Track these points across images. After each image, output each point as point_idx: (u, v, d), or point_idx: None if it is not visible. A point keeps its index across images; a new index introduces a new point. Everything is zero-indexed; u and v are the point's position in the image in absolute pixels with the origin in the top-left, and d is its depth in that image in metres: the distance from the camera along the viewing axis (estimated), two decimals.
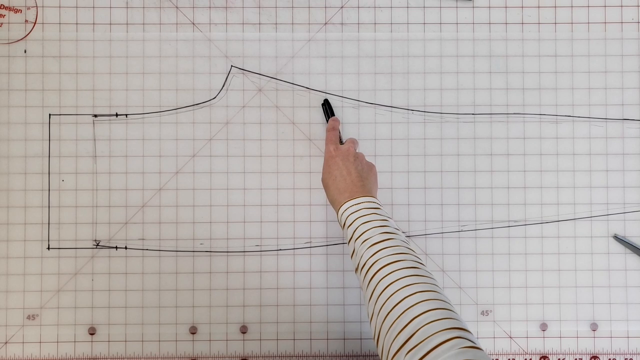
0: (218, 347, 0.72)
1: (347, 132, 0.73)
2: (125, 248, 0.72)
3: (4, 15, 0.73)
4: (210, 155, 0.73)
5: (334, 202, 0.63)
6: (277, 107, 0.73)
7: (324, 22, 0.74)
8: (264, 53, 0.73)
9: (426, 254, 0.73)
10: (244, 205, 0.73)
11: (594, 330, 0.73)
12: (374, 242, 0.55)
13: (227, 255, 0.73)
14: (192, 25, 0.73)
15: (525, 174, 0.73)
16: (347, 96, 0.73)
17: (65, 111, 0.73)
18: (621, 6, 0.74)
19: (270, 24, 0.73)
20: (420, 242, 0.73)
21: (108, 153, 0.73)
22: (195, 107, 0.73)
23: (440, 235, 0.73)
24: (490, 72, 0.74)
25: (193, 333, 0.72)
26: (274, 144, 0.73)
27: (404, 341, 0.45)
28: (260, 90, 0.74)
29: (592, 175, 0.73)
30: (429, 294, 0.48)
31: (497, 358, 0.73)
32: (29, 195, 0.72)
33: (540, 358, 0.73)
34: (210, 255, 0.73)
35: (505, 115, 0.73)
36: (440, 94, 0.73)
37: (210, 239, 0.73)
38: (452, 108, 0.73)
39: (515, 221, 0.73)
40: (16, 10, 0.73)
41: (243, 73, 0.73)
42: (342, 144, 0.70)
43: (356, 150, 0.67)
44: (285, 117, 0.73)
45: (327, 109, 0.73)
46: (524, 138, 0.73)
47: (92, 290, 0.72)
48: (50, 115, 0.72)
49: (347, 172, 0.64)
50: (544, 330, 0.73)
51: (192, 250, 0.73)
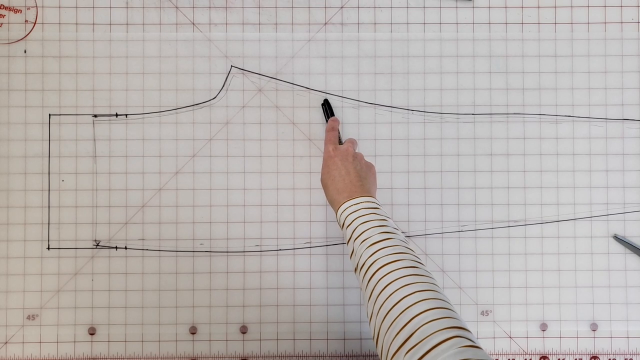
0: (218, 347, 0.72)
1: (347, 132, 0.73)
2: (125, 248, 0.72)
3: (4, 15, 0.73)
4: (210, 156, 0.73)
5: (333, 202, 0.63)
6: (277, 107, 0.73)
7: (324, 22, 0.74)
8: (264, 53, 0.73)
9: (426, 254, 0.73)
10: (244, 205, 0.73)
11: (594, 331, 0.73)
12: (373, 242, 0.55)
13: (227, 256, 0.73)
14: (192, 25, 0.73)
15: (525, 174, 0.73)
16: (347, 96, 0.73)
17: (65, 111, 0.73)
18: (621, 6, 0.74)
19: (270, 24, 0.73)
20: (420, 242, 0.73)
21: (108, 153, 0.73)
22: (195, 107, 0.73)
23: (440, 235, 0.73)
24: (490, 72, 0.74)
25: (193, 333, 0.72)
26: (274, 144, 0.73)
27: (403, 340, 0.45)
28: (260, 90, 0.74)
29: (592, 175, 0.73)
30: (428, 294, 0.48)
31: (497, 358, 0.73)
32: (29, 195, 0.72)
33: (540, 358, 0.73)
34: (210, 256, 0.73)
35: (505, 115, 0.73)
36: (440, 94, 0.73)
37: (210, 239, 0.73)
38: (452, 108, 0.73)
39: (515, 221, 0.73)
40: (16, 10, 0.73)
41: (243, 73, 0.73)
42: (342, 144, 0.70)
43: (355, 150, 0.67)
44: (285, 117, 0.73)
45: (327, 109, 0.73)
46: (524, 138, 0.73)
47: (92, 291, 0.72)
48: (50, 115, 0.72)
49: (346, 172, 0.64)
50: (544, 331, 0.73)
51: (192, 250, 0.73)
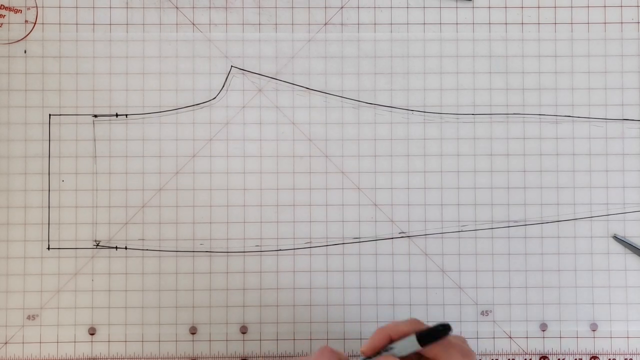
0: (218, 347, 0.72)
1: (347, 132, 0.73)
2: (126, 248, 0.72)
3: (4, 15, 0.73)
4: (210, 156, 0.73)
5: None
6: (277, 107, 0.73)
7: (324, 23, 0.74)
8: (264, 53, 0.73)
9: (426, 254, 0.73)
10: (244, 205, 0.73)
11: (593, 331, 0.73)
12: None
13: (227, 256, 0.73)
14: (192, 25, 0.73)
15: (525, 174, 0.73)
16: (347, 96, 0.73)
17: (65, 111, 0.73)
18: (621, 6, 0.74)
19: (270, 25, 0.74)
20: (420, 242, 0.73)
21: (108, 153, 0.73)
22: (195, 107, 0.73)
23: (440, 235, 0.73)
24: (490, 73, 0.74)
25: (193, 333, 0.72)
26: (274, 144, 0.73)
27: None
28: (260, 90, 0.74)
29: (592, 175, 0.73)
30: None
31: (497, 358, 0.73)
32: (29, 196, 0.72)
33: (540, 358, 0.73)
34: (210, 256, 0.73)
35: (505, 115, 0.73)
36: (440, 94, 0.73)
37: (210, 239, 0.73)
38: (452, 108, 0.73)
39: (515, 221, 0.73)
40: (16, 11, 0.73)
41: (243, 73, 0.74)
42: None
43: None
44: (285, 117, 0.73)
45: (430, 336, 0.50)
46: (524, 138, 0.73)
47: (92, 291, 0.72)
48: (50, 115, 0.72)
49: None
50: (543, 331, 0.73)
51: (192, 250, 0.73)
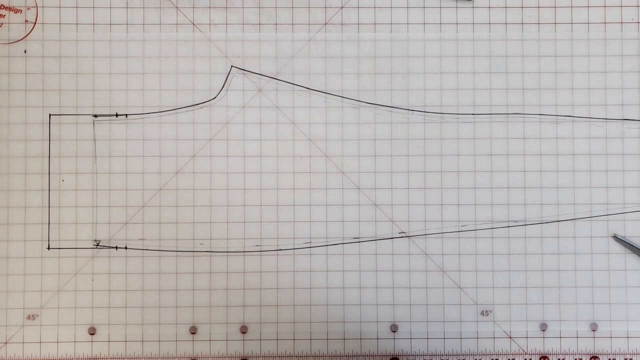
0: (218, 347, 0.72)
1: (348, 132, 0.73)
2: (126, 248, 0.72)
3: (4, 15, 0.73)
4: (210, 156, 0.73)
5: None
6: (277, 107, 0.73)
7: (324, 23, 0.74)
8: (264, 53, 0.73)
9: (426, 254, 0.73)
10: (244, 205, 0.73)
11: (593, 331, 0.73)
12: None
13: (227, 256, 0.73)
14: (192, 25, 0.73)
15: (525, 174, 0.73)
16: (347, 96, 0.73)
17: (65, 111, 0.73)
18: (621, 6, 0.74)
19: (270, 25, 0.74)
20: (420, 242, 0.73)
21: (108, 153, 0.73)
22: (195, 107, 0.73)
23: (440, 235, 0.73)
24: (490, 73, 0.74)
25: (193, 333, 0.72)
26: (274, 144, 0.73)
27: None
28: (260, 90, 0.74)
29: (592, 175, 0.73)
30: None
31: (497, 358, 0.73)
32: (29, 195, 0.72)
33: (540, 358, 0.73)
34: (210, 256, 0.73)
35: (505, 115, 0.73)
36: (440, 94, 0.73)
37: (210, 239, 0.73)
38: (452, 108, 0.73)
39: (515, 221, 0.73)
40: (16, 10, 0.73)
41: (243, 73, 0.74)
42: None
43: None
44: (285, 117, 0.73)
45: None
46: (524, 138, 0.73)
47: (92, 290, 0.72)
48: (50, 115, 0.72)
49: None
50: (543, 330, 0.73)
51: (192, 250, 0.73)
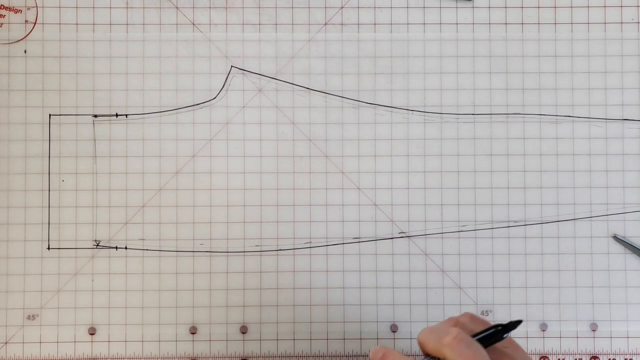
0: (218, 347, 0.72)
1: (348, 132, 0.73)
2: (126, 248, 0.72)
3: (4, 15, 0.73)
4: (210, 156, 0.73)
5: None
6: (277, 107, 0.73)
7: (324, 23, 0.74)
8: (264, 53, 0.73)
9: (426, 254, 0.73)
10: (244, 205, 0.73)
11: (593, 331, 0.73)
12: None
13: (227, 256, 0.73)
14: (192, 25, 0.73)
15: (525, 174, 0.73)
16: (347, 96, 0.73)
17: (65, 111, 0.73)
18: (621, 6, 0.74)
19: (270, 25, 0.74)
20: (420, 242, 0.73)
21: (108, 153, 0.73)
22: (195, 107, 0.73)
23: (440, 235, 0.73)
24: (490, 73, 0.74)
25: (193, 333, 0.72)
26: (274, 144, 0.73)
27: None
28: (260, 90, 0.74)
29: (592, 176, 0.73)
30: None
31: None
32: (29, 195, 0.72)
33: (540, 358, 0.73)
34: (210, 256, 0.73)
35: (505, 115, 0.73)
36: (440, 94, 0.73)
37: (210, 239, 0.73)
38: (452, 108, 0.73)
39: (515, 221, 0.73)
40: (16, 11, 0.73)
41: (243, 73, 0.74)
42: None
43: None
44: (285, 117, 0.73)
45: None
46: (524, 138, 0.73)
47: (92, 290, 0.72)
48: (50, 115, 0.72)
49: None
50: (543, 331, 0.73)
51: (192, 250, 0.73)
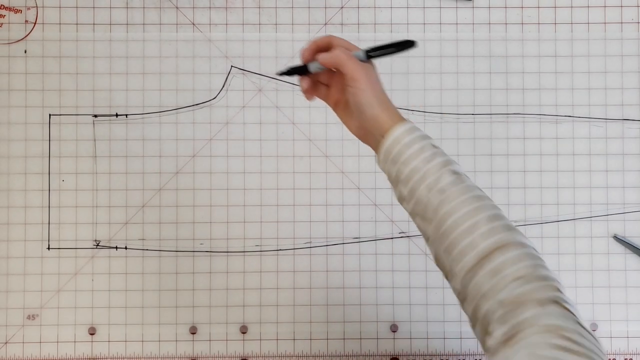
0: (218, 347, 0.72)
1: (348, 133, 0.73)
2: (125, 248, 0.72)
3: (4, 15, 0.73)
4: (210, 156, 0.73)
5: (377, 120, 0.51)
6: (277, 107, 0.73)
7: (324, 23, 0.74)
8: (264, 53, 0.73)
9: (426, 254, 0.73)
10: (244, 205, 0.73)
11: (594, 330, 0.73)
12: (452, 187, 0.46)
13: (227, 255, 0.73)
14: (192, 25, 0.73)
15: (525, 174, 0.73)
16: None
17: (65, 111, 0.73)
18: (621, 6, 0.74)
19: (270, 25, 0.73)
20: (420, 242, 0.73)
21: (108, 153, 0.73)
22: (195, 107, 0.73)
23: None
24: (490, 73, 0.74)
25: (193, 333, 0.72)
26: (274, 144, 0.73)
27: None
28: (260, 90, 0.74)
29: (592, 176, 0.73)
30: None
31: None
32: (29, 195, 0.72)
33: None
34: (210, 255, 0.73)
35: (505, 115, 0.73)
36: (440, 94, 0.73)
37: (210, 239, 0.73)
38: (451, 108, 0.73)
39: (515, 221, 0.73)
40: (16, 11, 0.73)
41: (243, 73, 0.74)
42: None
43: None
44: (285, 117, 0.73)
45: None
46: (524, 138, 0.73)
47: (92, 290, 0.72)
48: (50, 115, 0.72)
49: (382, 88, 0.53)
50: None
51: (192, 250, 0.73)
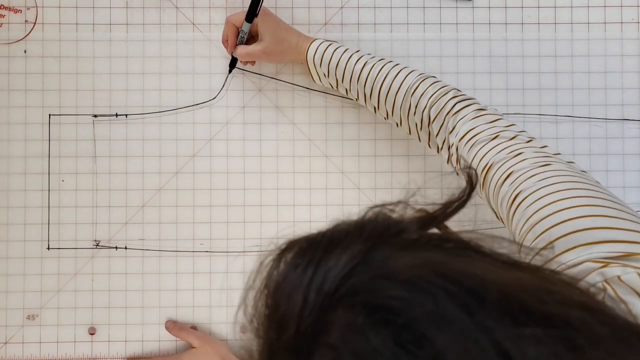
0: None
1: (348, 133, 0.73)
2: (125, 248, 0.72)
3: (4, 15, 0.73)
4: (210, 156, 0.73)
5: (299, 40, 0.68)
6: (277, 107, 0.73)
7: (324, 23, 0.74)
8: None
9: None
10: (244, 205, 0.73)
11: None
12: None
13: (227, 256, 0.73)
14: (192, 25, 0.73)
15: None
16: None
17: (65, 111, 0.73)
18: (621, 6, 0.74)
19: None
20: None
21: (108, 153, 0.73)
22: (195, 107, 0.73)
23: None
24: (490, 73, 0.74)
25: None
26: (274, 144, 0.73)
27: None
28: (260, 90, 0.74)
29: (592, 176, 0.73)
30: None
31: None
32: (29, 196, 0.72)
33: None
34: (210, 256, 0.73)
35: (504, 115, 0.73)
36: None
37: (210, 239, 0.73)
38: None
39: None
40: (16, 11, 0.73)
41: (243, 73, 0.73)
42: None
43: None
44: (285, 117, 0.73)
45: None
46: None
47: (92, 290, 0.72)
48: (50, 115, 0.72)
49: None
50: None
51: (192, 250, 0.73)
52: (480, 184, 0.53)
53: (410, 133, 0.64)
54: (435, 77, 0.62)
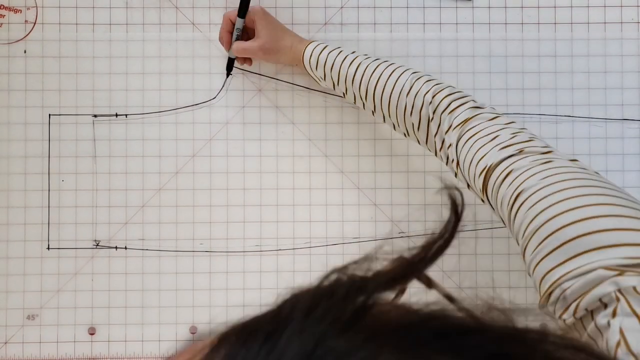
0: None
1: (347, 133, 0.73)
2: (125, 248, 0.72)
3: (4, 15, 0.73)
4: (210, 155, 0.73)
5: (293, 43, 0.68)
6: (277, 107, 0.73)
7: (324, 23, 0.74)
8: None
9: None
10: (244, 205, 0.73)
11: None
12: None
13: (227, 255, 0.73)
14: (192, 25, 0.73)
15: None
16: None
17: (65, 111, 0.73)
18: (621, 6, 0.74)
19: None
20: (420, 242, 0.73)
21: (108, 153, 0.73)
22: (195, 107, 0.73)
23: None
24: (490, 72, 0.74)
25: (193, 333, 0.72)
26: (273, 144, 0.73)
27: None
28: (260, 90, 0.74)
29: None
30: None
31: None
32: (29, 196, 0.72)
33: None
34: (210, 255, 0.73)
35: (503, 114, 0.73)
36: None
37: (210, 239, 0.73)
38: None
39: None
40: (16, 11, 0.73)
41: (243, 73, 0.74)
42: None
43: None
44: (285, 117, 0.73)
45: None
46: None
47: (92, 290, 0.72)
48: (50, 115, 0.72)
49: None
50: None
51: (192, 250, 0.73)
52: (480, 188, 0.50)
53: (408, 135, 0.63)
54: (430, 75, 0.61)
